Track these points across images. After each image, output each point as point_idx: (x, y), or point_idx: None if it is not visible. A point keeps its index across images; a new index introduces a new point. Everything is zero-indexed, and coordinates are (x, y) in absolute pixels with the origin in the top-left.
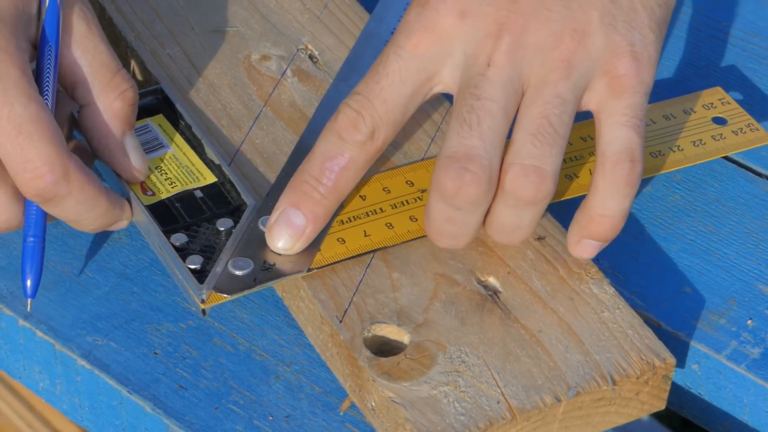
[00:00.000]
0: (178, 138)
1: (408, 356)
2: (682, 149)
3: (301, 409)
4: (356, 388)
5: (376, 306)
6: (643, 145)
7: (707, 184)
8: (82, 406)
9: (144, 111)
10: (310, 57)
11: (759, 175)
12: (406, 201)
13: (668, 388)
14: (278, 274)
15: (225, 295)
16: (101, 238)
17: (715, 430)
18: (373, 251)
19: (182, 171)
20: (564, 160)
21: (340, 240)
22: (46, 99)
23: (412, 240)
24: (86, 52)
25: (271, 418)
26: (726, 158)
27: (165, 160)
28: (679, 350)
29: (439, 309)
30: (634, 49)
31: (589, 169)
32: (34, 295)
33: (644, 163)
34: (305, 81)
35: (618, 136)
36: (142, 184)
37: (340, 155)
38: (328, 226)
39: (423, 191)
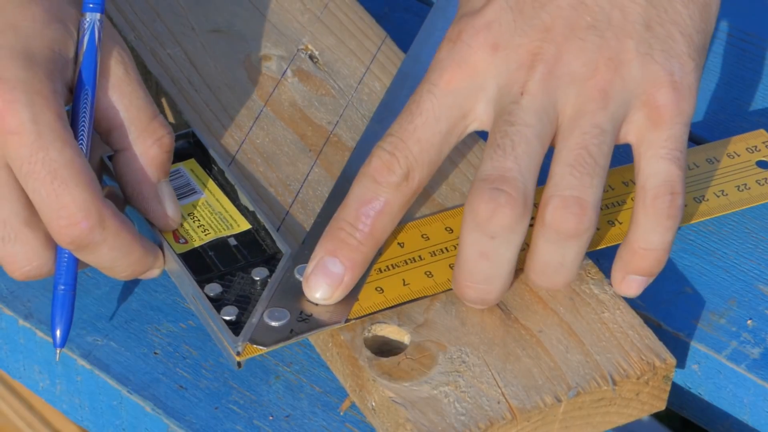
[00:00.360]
0: (211, 183)
1: (408, 356)
2: (727, 194)
3: (301, 409)
4: (356, 388)
5: None
6: (684, 177)
7: None
8: (82, 406)
9: (175, 155)
10: (311, 57)
11: None
12: (446, 248)
13: (668, 388)
14: (316, 326)
15: (261, 348)
16: None
17: (715, 430)
18: (412, 301)
19: (215, 218)
20: (605, 206)
21: (379, 289)
22: (81, 144)
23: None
24: (123, 96)
25: (271, 418)
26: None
27: (198, 207)
28: (679, 350)
29: (439, 309)
30: (673, 78)
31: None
32: (63, 345)
33: (687, 205)
34: (305, 81)
35: (658, 169)
36: (174, 231)
37: (375, 199)
38: (366, 274)
39: None
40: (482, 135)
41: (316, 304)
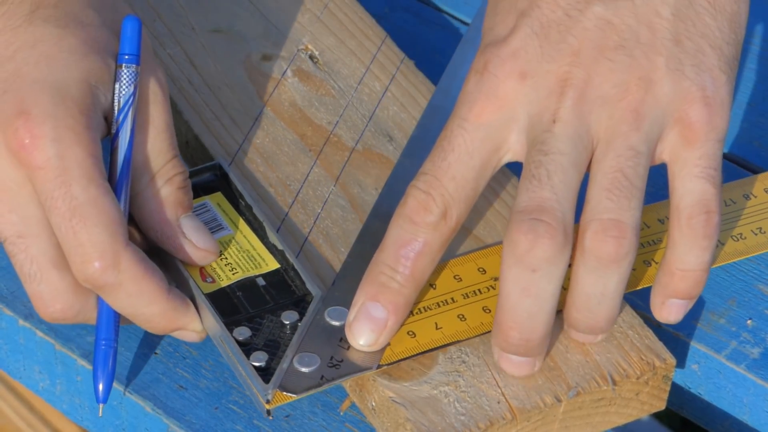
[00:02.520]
0: (238, 218)
1: None
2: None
3: (301, 409)
4: (356, 387)
5: None
6: (720, 195)
7: None
8: (82, 406)
9: (201, 188)
10: (311, 57)
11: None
12: (479, 290)
13: (668, 388)
14: (347, 371)
15: (291, 395)
16: None
17: (715, 430)
18: (446, 345)
19: (243, 256)
20: (641, 245)
21: (411, 333)
22: (119, 187)
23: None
24: (146, 140)
25: (271, 418)
26: (726, 158)
27: (225, 244)
28: (679, 350)
29: None
30: (705, 93)
31: None
32: (105, 401)
33: (724, 243)
34: (306, 81)
35: (692, 188)
36: (201, 270)
37: (414, 240)
38: None
39: (495, 279)
40: (514, 167)
41: (348, 348)
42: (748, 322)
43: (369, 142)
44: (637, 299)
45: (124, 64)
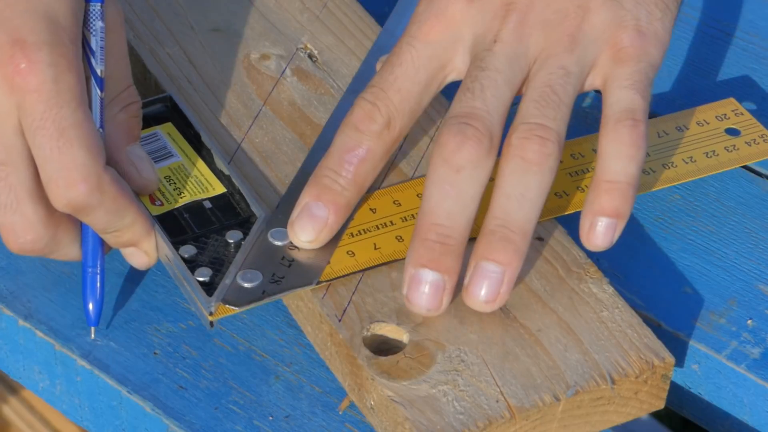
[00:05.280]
0: (187, 147)
1: (407, 355)
2: (695, 161)
3: (301, 409)
4: (355, 387)
5: (375, 305)
6: (647, 109)
7: (707, 184)
8: (82, 406)
9: (152, 119)
10: (310, 56)
11: (759, 175)
12: (417, 214)
13: (667, 387)
14: (287, 287)
15: (233, 308)
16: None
17: (715, 430)
18: (383, 264)
19: (191, 181)
20: (575, 172)
21: (350, 253)
22: (93, 113)
23: None
24: (105, 65)
25: (271, 418)
26: None
27: (174, 170)
28: (679, 350)
29: None
30: (639, 23)
31: None
32: (97, 323)
33: (656, 171)
34: (305, 80)
35: (621, 97)
36: (150, 194)
37: (358, 147)
38: (338, 238)
39: None
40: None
41: (289, 266)
42: (749, 322)
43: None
44: (637, 299)
45: (90, 3)
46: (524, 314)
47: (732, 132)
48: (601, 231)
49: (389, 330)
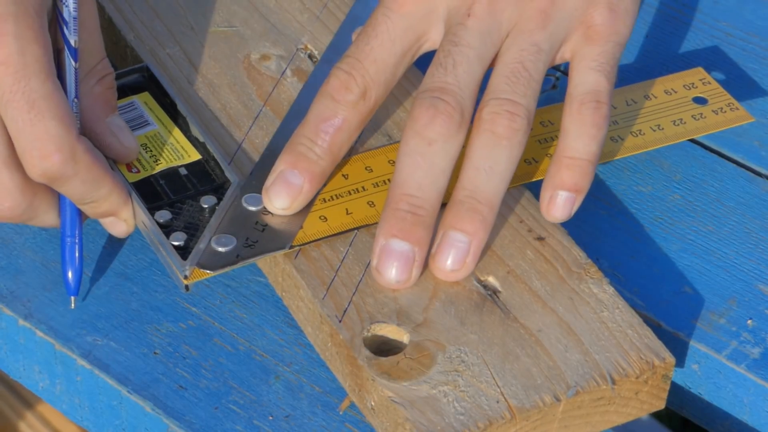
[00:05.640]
0: (163, 115)
1: (407, 356)
2: (663, 128)
3: (301, 409)
4: (356, 387)
5: (376, 305)
6: (612, 90)
7: (707, 184)
8: (82, 406)
9: (129, 89)
10: (310, 57)
11: (759, 175)
12: (388, 180)
13: (668, 387)
14: (261, 251)
15: (208, 271)
16: (101, 237)
17: (715, 430)
18: (355, 229)
19: (167, 148)
20: (544, 140)
21: (322, 218)
22: (69, 87)
23: None
24: (79, 41)
25: (271, 418)
26: (726, 158)
27: (150, 138)
28: (679, 350)
29: (438, 308)
30: (610, 0)
31: None
32: (76, 293)
33: (624, 139)
34: (305, 81)
35: (586, 78)
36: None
37: (334, 116)
38: (311, 203)
39: None
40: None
41: (263, 231)
42: (749, 322)
43: (369, 142)
44: (637, 299)
45: None
46: (524, 314)
47: (699, 101)
48: (560, 203)
49: (390, 331)
